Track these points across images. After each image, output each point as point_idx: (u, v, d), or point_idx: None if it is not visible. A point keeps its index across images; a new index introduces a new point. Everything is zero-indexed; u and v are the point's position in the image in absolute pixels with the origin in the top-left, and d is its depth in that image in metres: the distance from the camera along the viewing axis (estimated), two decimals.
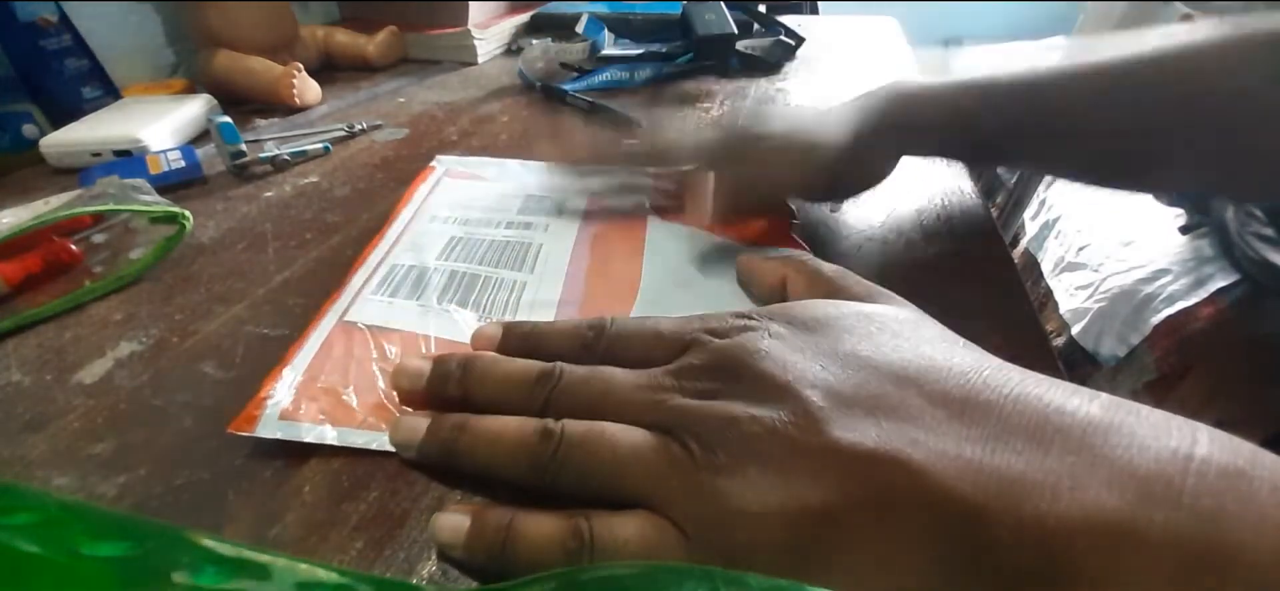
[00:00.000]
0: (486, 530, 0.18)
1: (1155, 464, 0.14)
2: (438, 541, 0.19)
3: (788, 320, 0.21)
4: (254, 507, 0.20)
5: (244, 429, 0.22)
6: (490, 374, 0.22)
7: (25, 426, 0.24)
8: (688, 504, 0.17)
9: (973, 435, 0.16)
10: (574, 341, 0.23)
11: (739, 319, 0.21)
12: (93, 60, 0.53)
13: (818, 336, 0.20)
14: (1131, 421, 0.16)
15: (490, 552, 0.18)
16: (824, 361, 0.19)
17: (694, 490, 0.17)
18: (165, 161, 0.42)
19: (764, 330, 0.20)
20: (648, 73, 0.60)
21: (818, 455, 0.17)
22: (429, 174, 0.41)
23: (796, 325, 0.20)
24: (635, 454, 0.18)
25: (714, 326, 0.21)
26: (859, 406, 0.17)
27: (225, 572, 0.12)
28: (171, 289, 0.32)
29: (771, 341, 0.20)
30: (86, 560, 0.11)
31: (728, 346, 0.20)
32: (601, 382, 0.21)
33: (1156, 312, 0.87)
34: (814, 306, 0.22)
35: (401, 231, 0.34)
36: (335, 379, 0.24)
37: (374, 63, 0.67)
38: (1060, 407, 0.16)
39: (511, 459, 0.20)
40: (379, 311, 0.28)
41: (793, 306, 0.22)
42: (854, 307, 0.21)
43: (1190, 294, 0.84)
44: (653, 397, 0.20)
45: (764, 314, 0.21)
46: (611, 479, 0.19)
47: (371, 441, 0.22)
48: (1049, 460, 0.15)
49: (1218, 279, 0.83)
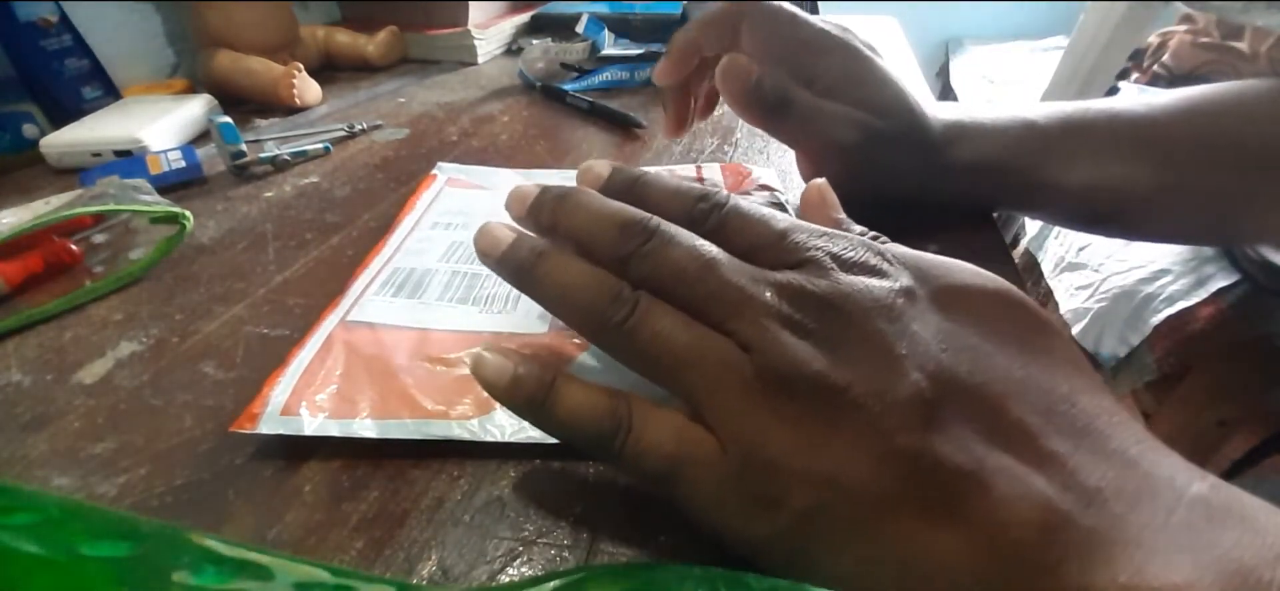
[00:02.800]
0: (528, 382, 0.19)
1: (1253, 560, 0.13)
2: (479, 378, 0.19)
3: (922, 278, 0.18)
4: (254, 507, 0.20)
5: (246, 426, 0.22)
6: (583, 207, 0.20)
7: (25, 426, 0.24)
8: (740, 431, 0.16)
9: (1072, 483, 0.15)
10: (681, 205, 0.20)
11: (869, 251, 0.18)
12: (93, 60, 0.53)
13: (949, 313, 0.18)
14: (1238, 509, 0.15)
15: (529, 404, 0.19)
16: (947, 348, 0.17)
17: (752, 423, 0.16)
18: (165, 161, 0.42)
19: (894, 282, 0.18)
20: (648, 73, 0.60)
21: (899, 450, 0.15)
22: (431, 182, 0.41)
23: (930, 288, 0.18)
24: (701, 356, 0.17)
25: (840, 250, 0.18)
26: (965, 415, 0.16)
27: (225, 572, 0.12)
28: (172, 289, 0.32)
29: (897, 301, 0.17)
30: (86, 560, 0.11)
31: (847, 290, 0.17)
32: (697, 265, 0.18)
33: (1157, 313, 0.87)
34: (956, 272, 0.19)
35: (404, 238, 0.34)
36: (336, 375, 0.24)
37: (374, 63, 0.67)
38: (1170, 479, 0.15)
39: (577, 311, 0.19)
40: (379, 310, 0.28)
41: (933, 265, 0.19)
42: (997, 288, 0.19)
43: (1190, 294, 0.84)
44: (745, 303, 0.17)
45: (898, 259, 0.19)
46: (669, 372, 0.18)
47: (373, 431, 0.22)
48: (1142, 527, 0.14)
49: (1218, 279, 0.83)
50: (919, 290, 0.18)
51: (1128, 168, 0.31)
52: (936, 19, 2.15)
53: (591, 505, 0.20)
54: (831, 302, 0.17)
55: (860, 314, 0.17)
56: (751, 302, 0.17)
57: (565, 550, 0.19)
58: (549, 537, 0.19)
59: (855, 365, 0.16)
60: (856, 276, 0.18)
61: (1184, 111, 0.31)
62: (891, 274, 0.18)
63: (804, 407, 0.16)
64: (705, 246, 0.19)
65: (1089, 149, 0.31)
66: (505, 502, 0.20)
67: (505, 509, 0.20)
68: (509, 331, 0.27)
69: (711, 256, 0.18)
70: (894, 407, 0.15)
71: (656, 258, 0.18)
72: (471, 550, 0.19)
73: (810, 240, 0.19)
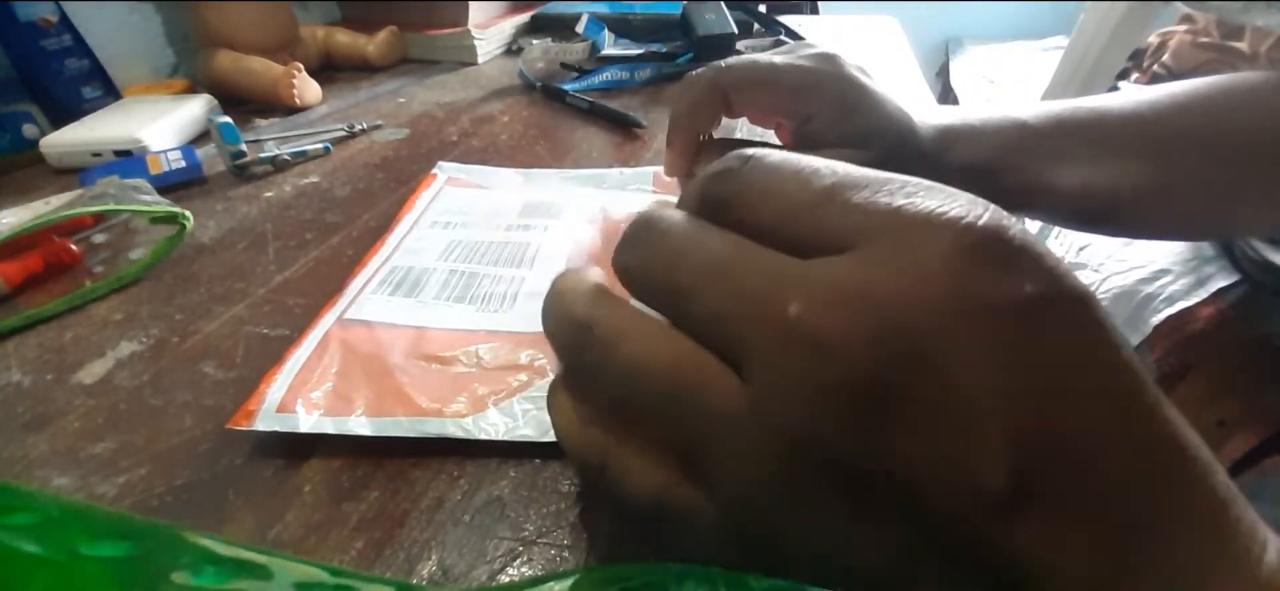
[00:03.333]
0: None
1: None
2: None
3: (1058, 278, 0.13)
4: (254, 507, 0.20)
5: (242, 423, 0.22)
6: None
7: (25, 426, 0.24)
8: (733, 497, 0.13)
9: None
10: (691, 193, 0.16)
11: (984, 212, 0.12)
12: (93, 60, 0.53)
13: None
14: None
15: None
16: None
17: (750, 492, 0.13)
18: (165, 161, 0.42)
19: (1022, 281, 0.12)
20: (648, 73, 0.60)
21: (972, 550, 0.12)
22: (431, 181, 0.41)
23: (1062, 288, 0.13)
24: (688, 389, 0.13)
25: (926, 208, 0.13)
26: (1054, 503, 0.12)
27: (225, 572, 0.12)
28: (172, 289, 0.32)
29: (1026, 317, 0.12)
30: (86, 560, 0.11)
31: (930, 294, 0.12)
32: (694, 268, 0.14)
33: (1156, 312, 0.87)
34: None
35: (403, 237, 0.34)
36: (332, 373, 0.24)
37: (374, 63, 0.67)
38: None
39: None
40: (376, 309, 0.28)
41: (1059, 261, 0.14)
42: None
43: (1190, 294, 0.84)
44: (753, 319, 0.13)
45: (1029, 242, 0.13)
46: (647, 410, 0.14)
47: (368, 429, 0.22)
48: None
49: (1218, 279, 0.83)
50: (1058, 297, 0.12)
51: (1121, 165, 0.31)
52: (936, 19, 2.15)
53: (592, 505, 0.20)
54: (896, 324, 0.11)
55: (954, 347, 0.11)
56: (760, 320, 0.12)
57: (565, 550, 0.19)
58: (549, 537, 0.19)
59: (921, 434, 0.11)
60: (954, 263, 0.11)
61: (1174, 106, 0.31)
62: (1018, 260, 0.12)
63: (828, 483, 0.12)
64: (711, 238, 0.14)
65: (1082, 148, 0.31)
66: (505, 502, 0.20)
67: (505, 509, 0.20)
68: (506, 331, 0.27)
69: (715, 250, 0.13)
70: (969, 498, 0.11)
71: (646, 251, 0.15)
72: (471, 550, 0.19)
73: (871, 198, 0.13)
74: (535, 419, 0.22)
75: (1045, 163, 0.31)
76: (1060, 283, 0.12)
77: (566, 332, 0.15)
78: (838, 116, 0.30)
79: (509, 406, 0.23)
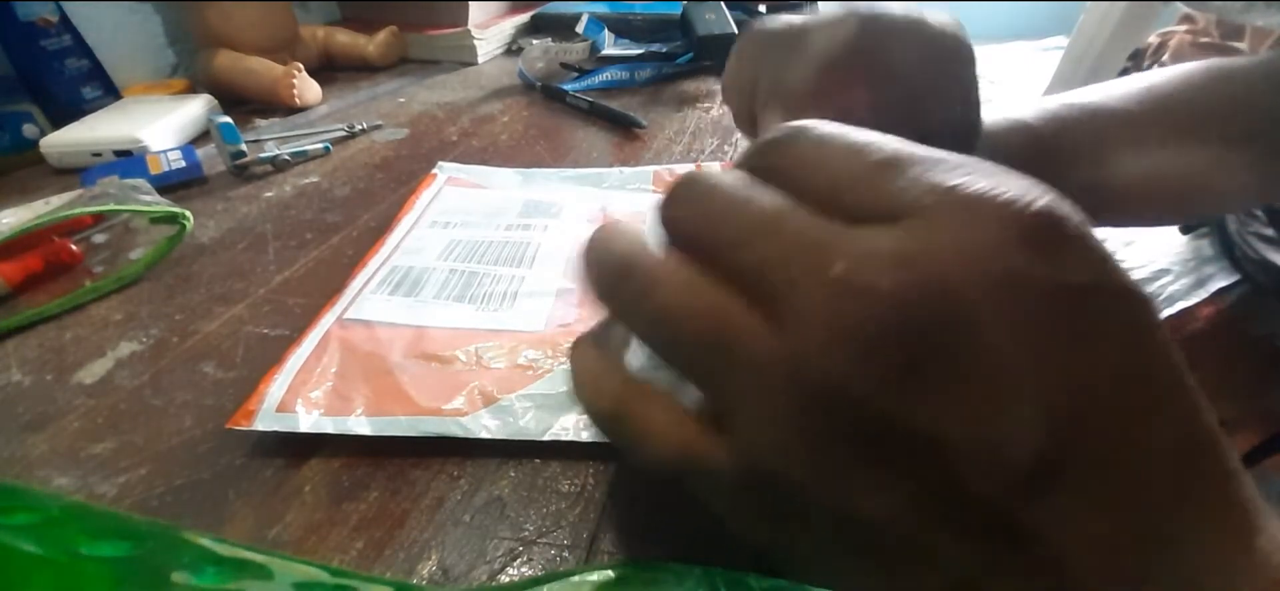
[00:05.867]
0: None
1: None
2: None
3: (1107, 269, 0.13)
4: (254, 507, 0.20)
5: (242, 423, 0.22)
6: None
7: (25, 426, 0.24)
8: (755, 446, 0.13)
9: None
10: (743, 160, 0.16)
11: (1034, 193, 0.12)
12: (93, 60, 0.53)
13: None
14: None
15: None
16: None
17: (776, 441, 0.13)
18: (165, 161, 0.42)
19: (1064, 268, 0.12)
20: (648, 73, 0.60)
21: (1000, 524, 0.12)
22: (431, 181, 0.41)
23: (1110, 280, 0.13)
24: (722, 339, 0.13)
25: (979, 188, 0.13)
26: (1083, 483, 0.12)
27: (225, 572, 0.12)
28: (172, 289, 0.32)
29: (1069, 304, 0.12)
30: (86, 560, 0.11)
31: (976, 269, 0.12)
32: (741, 220, 0.14)
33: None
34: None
35: (403, 237, 0.34)
36: (332, 372, 0.24)
37: (374, 63, 0.67)
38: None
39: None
40: (376, 308, 0.28)
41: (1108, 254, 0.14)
42: None
43: (1190, 294, 0.84)
44: (799, 276, 0.13)
45: (1086, 231, 0.13)
46: (680, 355, 0.14)
47: (367, 428, 0.22)
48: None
49: (1218, 279, 0.83)
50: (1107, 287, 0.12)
51: (1117, 158, 0.32)
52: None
53: (591, 505, 0.20)
54: (941, 288, 0.11)
55: (996, 318, 0.11)
56: (805, 274, 0.12)
57: (565, 550, 0.19)
58: (549, 537, 0.19)
59: (955, 399, 0.11)
60: (1003, 242, 0.12)
61: (1164, 94, 0.32)
62: (1070, 248, 0.12)
63: (858, 438, 0.12)
64: (760, 196, 0.14)
65: (1079, 145, 0.32)
66: (505, 502, 0.20)
67: (505, 509, 0.20)
68: (506, 330, 0.27)
69: (762, 207, 0.13)
70: (997, 467, 0.11)
71: (693, 205, 0.15)
72: (471, 550, 0.19)
73: (924, 174, 0.13)
74: (535, 417, 0.22)
75: (1044, 165, 0.32)
76: (1109, 276, 0.12)
77: (606, 270, 0.15)
78: (967, 102, 0.26)
79: (509, 405, 0.23)
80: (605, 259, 0.15)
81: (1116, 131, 0.32)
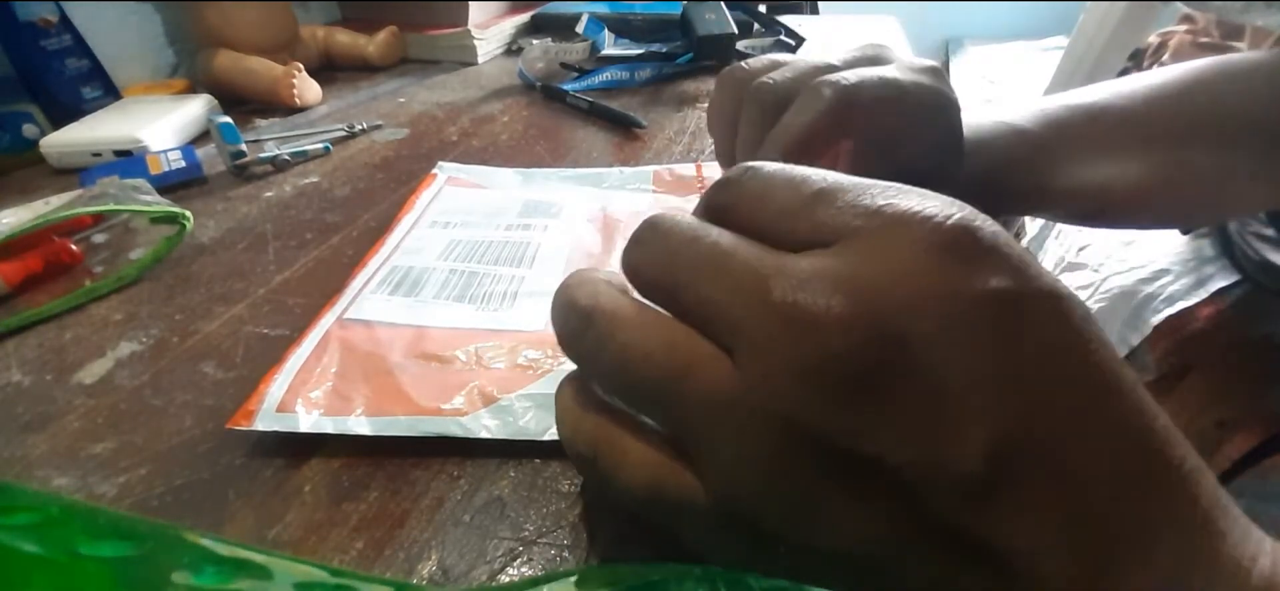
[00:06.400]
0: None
1: None
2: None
3: (1027, 273, 0.14)
4: (254, 507, 0.20)
5: (242, 423, 0.22)
6: None
7: (25, 426, 0.24)
8: (723, 481, 0.13)
9: None
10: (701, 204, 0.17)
11: (959, 213, 0.13)
12: (93, 60, 0.53)
13: None
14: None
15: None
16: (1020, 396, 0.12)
17: (740, 474, 0.13)
18: (165, 161, 0.42)
19: (990, 277, 0.13)
20: (648, 73, 0.60)
21: (949, 536, 0.12)
22: (431, 181, 0.41)
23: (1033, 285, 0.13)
24: (681, 374, 0.14)
25: (907, 209, 0.13)
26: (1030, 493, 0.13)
27: (225, 572, 0.12)
28: (171, 289, 0.32)
29: (994, 313, 0.13)
30: (86, 560, 0.11)
31: (904, 286, 0.13)
32: (691, 257, 0.15)
33: (1156, 312, 0.87)
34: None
35: (403, 237, 0.34)
36: (332, 372, 0.24)
37: (374, 63, 0.67)
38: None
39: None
40: (376, 308, 0.28)
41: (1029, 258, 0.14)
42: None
43: (1190, 294, 0.84)
44: (742, 306, 0.14)
45: (1001, 240, 0.13)
46: (641, 397, 0.15)
47: (367, 428, 0.22)
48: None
49: (1218, 279, 0.83)
50: (1026, 293, 0.12)
51: (1114, 163, 0.32)
52: (936, 19, 2.15)
53: (592, 505, 0.20)
54: (872, 305, 0.12)
55: (927, 333, 0.12)
56: (750, 304, 0.13)
57: (565, 550, 0.19)
58: (549, 537, 0.19)
59: (897, 416, 0.12)
60: (925, 256, 0.12)
61: (1170, 95, 0.32)
62: (987, 256, 0.12)
63: (815, 467, 0.12)
64: (710, 233, 0.14)
65: (1076, 151, 0.32)
66: (505, 502, 0.20)
67: (505, 509, 0.20)
68: (506, 329, 0.27)
69: (711, 244, 0.14)
70: (946, 483, 0.12)
71: (650, 248, 0.15)
72: (471, 550, 0.19)
73: (855, 199, 0.13)
74: (535, 417, 0.22)
75: (1042, 169, 0.32)
76: (1029, 280, 0.12)
77: (569, 320, 0.16)
78: (943, 146, 0.27)
79: (509, 405, 0.23)
80: (568, 310, 0.16)
81: (1116, 132, 0.32)
